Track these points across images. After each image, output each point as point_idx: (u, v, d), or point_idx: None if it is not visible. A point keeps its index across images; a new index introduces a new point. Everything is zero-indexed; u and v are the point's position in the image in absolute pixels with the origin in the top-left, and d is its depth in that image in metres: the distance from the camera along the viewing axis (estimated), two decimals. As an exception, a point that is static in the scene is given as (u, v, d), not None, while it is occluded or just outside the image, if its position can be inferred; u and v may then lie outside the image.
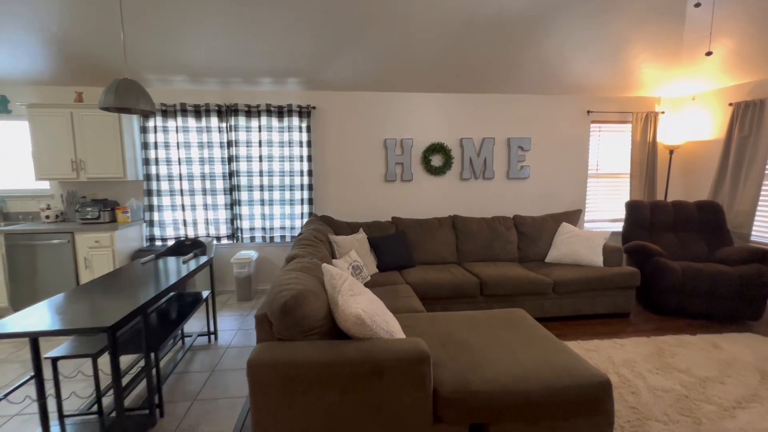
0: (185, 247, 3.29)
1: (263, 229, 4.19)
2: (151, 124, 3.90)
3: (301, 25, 3.20)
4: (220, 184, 4.10)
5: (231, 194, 4.11)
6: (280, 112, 4.04)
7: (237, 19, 3.10)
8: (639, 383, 2.34)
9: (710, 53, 3.04)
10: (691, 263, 3.43)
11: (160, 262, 2.83)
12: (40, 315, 1.76)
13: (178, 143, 3.96)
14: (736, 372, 2.46)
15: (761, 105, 3.71)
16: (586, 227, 4.72)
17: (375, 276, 3.37)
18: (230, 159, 4.04)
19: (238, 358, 2.76)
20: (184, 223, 4.08)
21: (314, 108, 4.13)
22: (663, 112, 4.54)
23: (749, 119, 3.82)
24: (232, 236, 4.18)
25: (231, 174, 4.07)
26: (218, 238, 4.17)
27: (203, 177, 4.06)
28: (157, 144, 3.93)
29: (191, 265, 2.72)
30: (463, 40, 3.48)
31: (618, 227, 4.75)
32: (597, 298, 3.38)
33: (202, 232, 4.14)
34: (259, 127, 4.02)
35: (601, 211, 4.75)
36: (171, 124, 3.94)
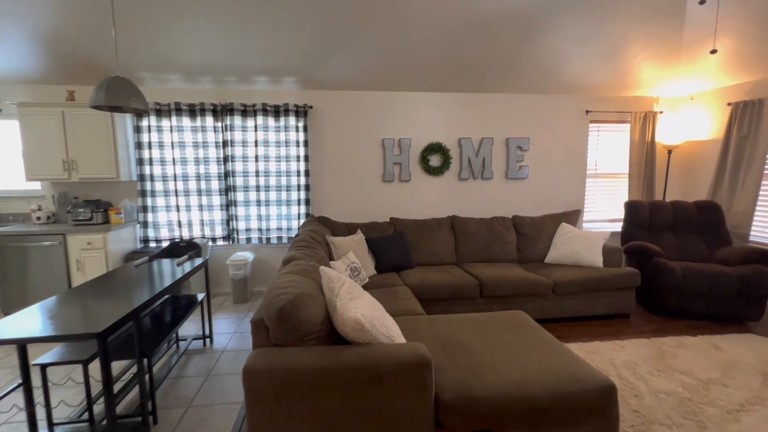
0: (180, 249, 3.23)
1: (259, 230, 4.13)
2: (144, 124, 3.83)
3: (298, 23, 3.15)
4: (215, 185, 4.04)
5: (227, 195, 4.05)
6: (277, 112, 3.98)
7: (232, 17, 3.05)
8: (641, 386, 2.31)
9: (715, 51, 3.02)
10: (690, 264, 3.42)
11: (154, 264, 2.77)
12: (29, 319, 1.70)
13: (173, 143, 3.90)
14: (739, 374, 2.43)
15: (760, 105, 3.70)
16: (584, 227, 4.70)
17: (373, 277, 3.32)
18: (226, 159, 3.98)
19: (234, 362, 2.71)
20: (179, 224, 4.02)
21: (311, 107, 4.08)
22: (661, 112, 4.52)
23: (748, 119, 3.81)
24: (228, 237, 4.12)
25: (226, 174, 4.01)
26: (214, 240, 4.11)
27: (198, 177, 3.99)
28: (151, 144, 3.86)
29: (186, 267, 2.67)
30: (461, 39, 3.44)
31: (616, 227, 4.73)
32: (597, 299, 3.36)
33: (197, 234, 4.07)
34: (255, 127, 3.96)
35: (600, 211, 4.73)
36: (165, 124, 3.88)
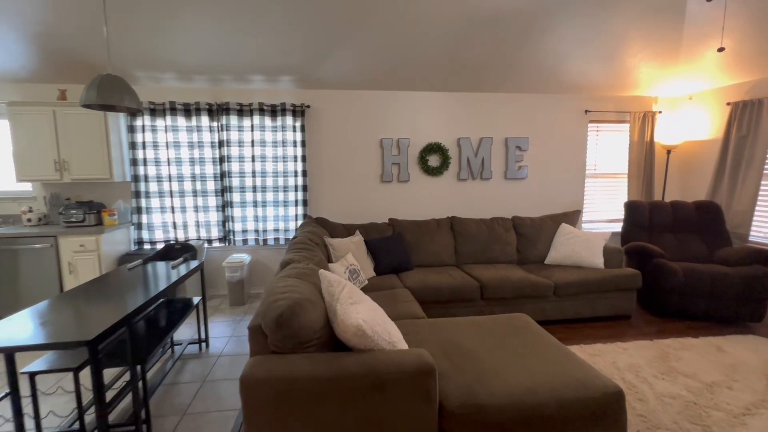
0: (175, 251, 3.16)
1: (256, 232, 4.07)
2: (138, 123, 3.76)
3: (295, 20, 3.09)
4: (211, 185, 3.97)
5: (222, 195, 3.98)
6: (273, 111, 3.92)
7: (227, 14, 2.98)
8: (645, 389, 2.28)
9: (722, 49, 2.99)
10: (692, 264, 3.39)
11: (149, 267, 2.70)
12: (18, 325, 1.64)
13: (168, 143, 3.82)
14: (743, 376, 2.41)
15: (759, 104, 3.69)
16: (583, 228, 4.68)
17: (372, 280, 3.27)
18: (222, 159, 3.91)
19: (231, 367, 2.65)
20: (174, 226, 3.94)
21: (308, 107, 4.02)
22: (660, 112, 4.51)
23: (747, 119, 3.80)
24: (224, 239, 4.05)
25: (222, 175, 3.94)
26: (209, 241, 4.04)
27: (194, 178, 3.92)
28: (145, 144, 3.79)
29: (181, 270, 2.60)
30: (460, 38, 3.40)
31: (616, 227, 4.71)
32: (598, 300, 3.33)
33: (192, 235, 4.00)
34: (252, 127, 3.90)
35: (599, 212, 4.71)
36: (160, 123, 3.80)
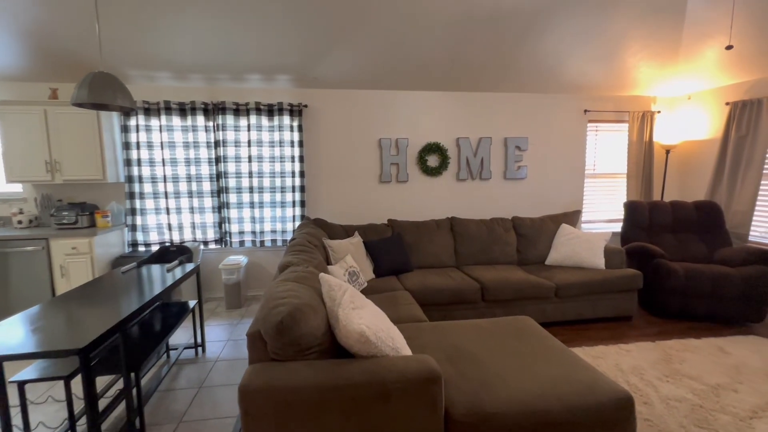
0: (170, 253, 3.10)
1: (253, 233, 4.00)
2: (132, 123, 3.68)
3: (293, 19, 3.04)
4: (207, 186, 3.90)
5: (219, 196, 3.91)
6: (270, 111, 3.86)
7: (224, 11, 2.92)
8: (650, 392, 2.25)
9: (731, 47, 2.97)
10: (693, 265, 3.38)
11: (143, 270, 2.64)
12: (8, 332, 1.58)
13: (162, 143, 3.75)
14: (747, 378, 2.39)
15: (758, 104, 3.68)
16: (583, 228, 4.66)
17: (372, 282, 3.22)
18: (218, 159, 3.85)
19: (228, 372, 2.59)
20: (169, 228, 3.87)
21: (306, 106, 3.96)
22: (659, 112, 4.50)
23: (746, 118, 3.79)
24: (221, 241, 3.99)
25: (219, 175, 3.88)
26: (205, 243, 3.97)
27: (189, 178, 3.85)
28: (139, 144, 3.71)
29: (176, 273, 2.54)
30: (459, 38, 3.36)
31: (615, 227, 4.70)
32: (599, 301, 3.30)
33: (188, 237, 3.93)
34: (248, 126, 3.83)
35: (599, 212, 4.69)
36: (154, 123, 3.73)
